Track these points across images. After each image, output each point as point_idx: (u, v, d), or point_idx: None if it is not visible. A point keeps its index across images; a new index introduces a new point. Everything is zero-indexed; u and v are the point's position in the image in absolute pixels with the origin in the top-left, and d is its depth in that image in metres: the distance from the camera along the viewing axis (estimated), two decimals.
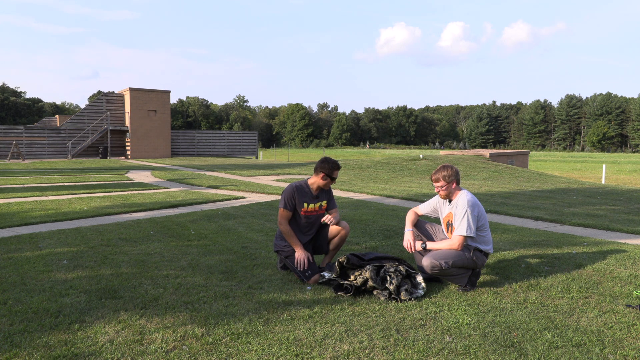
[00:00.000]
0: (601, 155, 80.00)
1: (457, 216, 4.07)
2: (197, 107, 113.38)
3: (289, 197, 4.40)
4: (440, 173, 4.13)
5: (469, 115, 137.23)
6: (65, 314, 3.43)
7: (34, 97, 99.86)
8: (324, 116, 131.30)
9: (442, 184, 4.12)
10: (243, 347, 2.93)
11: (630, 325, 3.27)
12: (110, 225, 7.01)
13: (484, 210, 4.17)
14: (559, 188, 14.92)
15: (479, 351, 2.88)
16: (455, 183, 4.13)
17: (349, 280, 3.95)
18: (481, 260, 4.10)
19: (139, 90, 31.74)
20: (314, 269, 4.29)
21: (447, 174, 4.10)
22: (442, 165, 4.20)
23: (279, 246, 4.51)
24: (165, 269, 4.61)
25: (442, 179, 4.11)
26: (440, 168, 4.17)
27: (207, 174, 17.56)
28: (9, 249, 5.43)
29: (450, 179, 4.11)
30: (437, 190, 4.19)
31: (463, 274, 4.01)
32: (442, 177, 4.11)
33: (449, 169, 4.12)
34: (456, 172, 4.14)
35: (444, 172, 4.12)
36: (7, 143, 28.98)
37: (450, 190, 4.14)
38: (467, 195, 4.11)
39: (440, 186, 4.13)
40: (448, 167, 4.14)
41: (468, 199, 4.06)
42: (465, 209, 4.01)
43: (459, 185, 4.19)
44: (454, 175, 4.12)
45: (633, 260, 4.90)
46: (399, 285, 3.80)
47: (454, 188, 4.15)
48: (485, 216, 4.16)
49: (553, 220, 7.64)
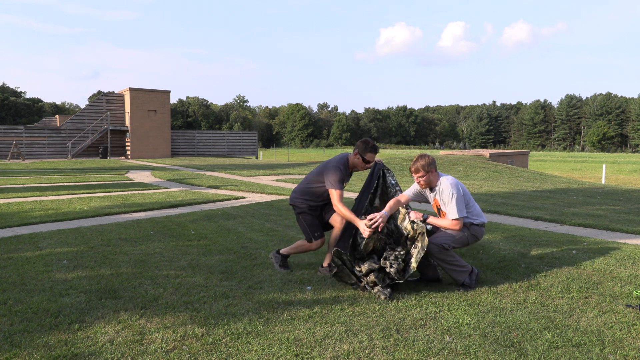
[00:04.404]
0: (601, 155, 79.99)
1: (445, 202, 4.11)
2: (197, 107, 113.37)
3: (340, 179, 4.41)
4: (418, 163, 4.15)
5: (469, 115, 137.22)
6: (65, 314, 3.43)
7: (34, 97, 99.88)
8: (324, 116, 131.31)
9: (422, 173, 4.14)
10: (243, 347, 2.93)
11: (630, 325, 3.27)
12: (110, 225, 7.01)
13: (465, 187, 4.23)
14: (559, 188, 14.92)
15: (479, 351, 2.88)
16: (433, 170, 4.17)
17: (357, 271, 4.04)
18: (480, 232, 4.23)
19: (139, 90, 31.72)
20: (322, 232, 4.52)
21: (425, 163, 4.13)
22: (418, 155, 4.22)
23: (296, 202, 4.61)
24: (165, 269, 4.61)
25: (421, 169, 4.14)
26: (417, 158, 4.18)
27: (207, 174, 17.55)
28: (9, 249, 5.43)
29: (430, 167, 4.14)
30: (417, 181, 4.21)
31: (463, 269, 4.04)
32: (420, 167, 4.14)
33: (426, 158, 4.15)
34: (433, 160, 4.18)
35: (422, 161, 4.14)
36: (7, 143, 28.98)
37: (430, 179, 4.17)
38: (447, 179, 4.15)
39: (420, 176, 4.16)
40: (425, 156, 4.17)
41: (450, 182, 4.12)
42: (451, 193, 4.06)
43: (437, 172, 4.22)
44: (432, 164, 4.15)
45: (633, 260, 4.90)
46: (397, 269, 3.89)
47: (433, 175, 4.18)
48: (467, 192, 4.22)
49: (553, 220, 7.64)
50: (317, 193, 4.53)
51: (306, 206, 4.56)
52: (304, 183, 4.64)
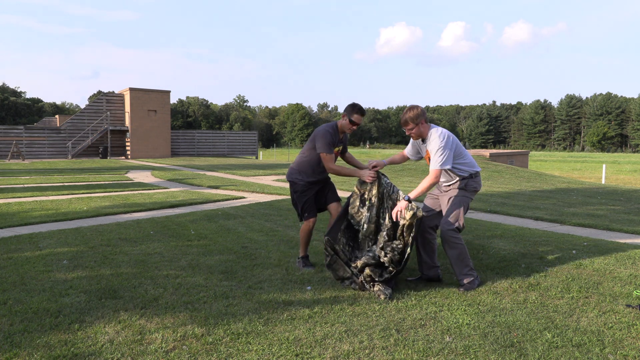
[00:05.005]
0: (601, 155, 79.99)
1: (431, 152, 4.09)
2: (197, 107, 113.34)
3: (330, 141, 4.44)
4: (407, 115, 4.12)
5: (469, 115, 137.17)
6: (65, 314, 3.44)
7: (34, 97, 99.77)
8: (324, 116, 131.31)
9: (411, 126, 4.11)
10: (243, 347, 2.93)
11: (630, 325, 3.27)
12: (110, 225, 7.01)
13: (456, 138, 4.19)
14: (559, 188, 14.92)
15: (479, 351, 2.88)
16: (423, 121, 4.12)
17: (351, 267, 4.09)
18: (478, 183, 4.24)
19: (139, 90, 31.72)
20: (313, 213, 4.61)
21: (414, 115, 4.09)
22: (408, 107, 4.19)
23: (294, 179, 4.66)
24: (165, 269, 4.61)
25: (410, 121, 4.11)
26: (406, 110, 4.15)
27: (207, 174, 17.56)
28: (9, 249, 5.43)
29: (418, 119, 4.09)
30: (408, 133, 4.20)
31: (468, 267, 4.05)
32: (409, 119, 4.11)
33: (414, 110, 4.11)
34: (422, 111, 4.12)
35: (410, 113, 4.10)
36: (7, 143, 28.98)
37: (421, 130, 4.14)
38: (437, 130, 4.11)
39: (410, 128, 4.13)
40: (414, 108, 4.12)
41: (439, 133, 4.07)
42: (437, 144, 4.03)
43: (428, 123, 4.18)
44: (421, 115, 4.11)
45: (633, 260, 4.90)
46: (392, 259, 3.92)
47: (424, 127, 4.14)
48: (459, 142, 4.19)
49: (553, 220, 7.64)
50: (313, 162, 4.54)
51: (303, 183, 4.60)
52: (299, 156, 4.70)
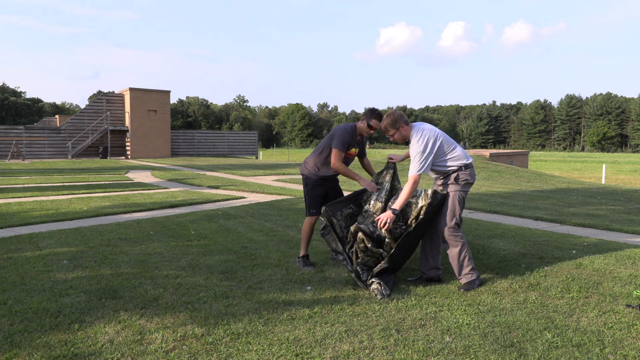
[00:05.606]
0: (601, 155, 79.98)
1: (411, 156, 4.07)
2: (197, 107, 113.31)
3: (346, 140, 4.47)
4: (385, 123, 4.14)
5: (469, 115, 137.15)
6: (65, 314, 3.44)
7: (34, 97, 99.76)
8: (324, 116, 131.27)
9: (392, 131, 4.12)
10: (243, 347, 2.93)
11: (630, 325, 3.27)
12: (110, 225, 7.01)
13: (441, 134, 4.11)
14: (559, 188, 14.92)
15: (479, 351, 2.88)
16: (403, 125, 4.11)
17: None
18: (471, 174, 4.14)
19: (139, 90, 31.72)
20: (319, 210, 4.58)
21: (391, 121, 4.10)
22: (385, 115, 4.19)
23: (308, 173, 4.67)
24: (165, 269, 4.61)
25: (390, 128, 4.12)
26: (384, 118, 4.16)
27: (207, 174, 17.56)
28: (9, 249, 5.43)
29: (397, 124, 4.10)
30: (391, 139, 4.22)
31: (465, 265, 4.05)
32: (388, 125, 4.12)
33: (391, 116, 4.11)
34: (400, 115, 4.11)
35: (388, 120, 4.12)
36: (7, 143, 28.98)
37: (403, 134, 4.13)
38: (417, 133, 4.05)
39: (392, 134, 4.14)
40: (390, 115, 4.13)
41: (418, 137, 4.02)
42: (415, 149, 4.01)
43: (409, 125, 4.14)
44: (399, 119, 4.10)
45: (633, 260, 4.90)
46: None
47: (405, 130, 4.12)
48: (445, 138, 4.11)
49: (553, 220, 7.64)
50: (329, 159, 4.56)
51: (316, 178, 4.64)
52: (315, 150, 4.73)
